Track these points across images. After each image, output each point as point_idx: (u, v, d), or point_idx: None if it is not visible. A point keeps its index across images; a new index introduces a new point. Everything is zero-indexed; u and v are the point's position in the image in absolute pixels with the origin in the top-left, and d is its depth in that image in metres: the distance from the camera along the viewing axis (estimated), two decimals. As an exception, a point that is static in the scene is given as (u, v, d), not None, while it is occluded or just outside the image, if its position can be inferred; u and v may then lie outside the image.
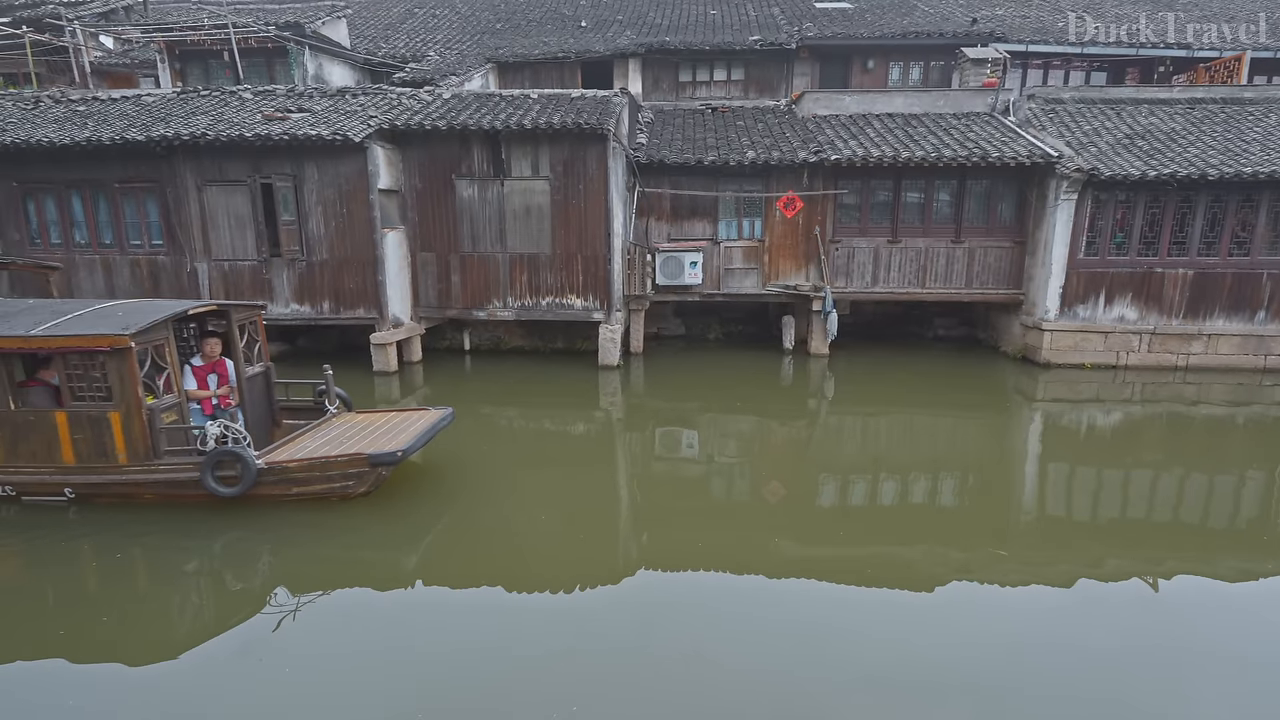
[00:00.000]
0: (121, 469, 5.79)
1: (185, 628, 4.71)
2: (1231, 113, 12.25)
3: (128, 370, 5.56)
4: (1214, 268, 11.12)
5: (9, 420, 5.79)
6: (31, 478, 5.91)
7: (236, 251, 10.79)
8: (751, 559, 5.40)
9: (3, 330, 5.67)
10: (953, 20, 16.02)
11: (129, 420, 5.67)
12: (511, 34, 17.07)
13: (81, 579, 5.22)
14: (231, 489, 5.71)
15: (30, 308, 6.23)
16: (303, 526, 5.78)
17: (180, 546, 5.55)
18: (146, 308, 6.18)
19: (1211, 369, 11.27)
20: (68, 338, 5.54)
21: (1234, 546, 5.92)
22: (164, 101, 11.81)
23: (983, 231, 11.95)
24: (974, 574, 5.30)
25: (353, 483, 6.00)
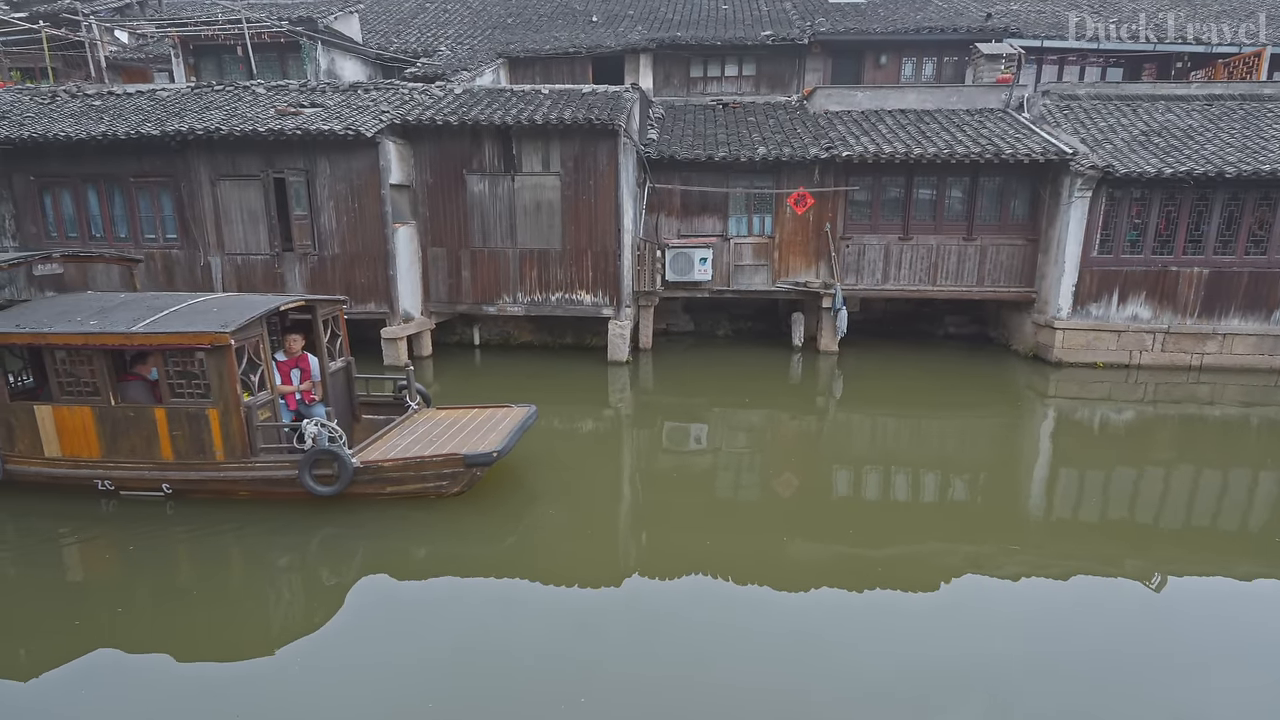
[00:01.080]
0: (218, 466, 5.79)
1: (279, 623, 4.73)
2: (1250, 109, 12.09)
3: (227, 367, 5.55)
4: (1230, 267, 10.99)
5: (109, 416, 5.81)
6: (130, 473, 5.92)
7: (249, 246, 10.88)
8: (762, 558, 5.41)
9: (104, 326, 5.66)
10: (967, 15, 15.88)
11: (227, 417, 5.66)
12: (522, 29, 17.06)
13: (180, 574, 5.27)
14: (329, 488, 5.69)
15: (124, 303, 6.21)
16: (396, 524, 5.73)
17: (276, 543, 5.58)
18: (239, 303, 6.16)
19: (1226, 369, 11.15)
20: (169, 335, 5.52)
21: (1245, 549, 5.87)
22: (178, 96, 11.90)
23: (995, 229, 11.86)
24: (983, 574, 5.29)
25: (446, 483, 5.97)
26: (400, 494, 5.99)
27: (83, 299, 6.49)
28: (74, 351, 5.70)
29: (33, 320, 5.88)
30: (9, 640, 4.42)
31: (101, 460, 5.91)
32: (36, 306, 6.32)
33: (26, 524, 5.85)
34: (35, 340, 5.72)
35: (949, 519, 6.33)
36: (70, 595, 5.00)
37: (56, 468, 5.97)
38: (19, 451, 6.00)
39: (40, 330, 5.70)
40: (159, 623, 4.61)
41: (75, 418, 5.83)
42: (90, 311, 5.95)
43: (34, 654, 4.28)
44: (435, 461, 5.84)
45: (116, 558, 5.47)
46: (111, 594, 5.01)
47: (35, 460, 5.99)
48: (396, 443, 6.20)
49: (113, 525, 5.81)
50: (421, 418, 6.88)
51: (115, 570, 5.36)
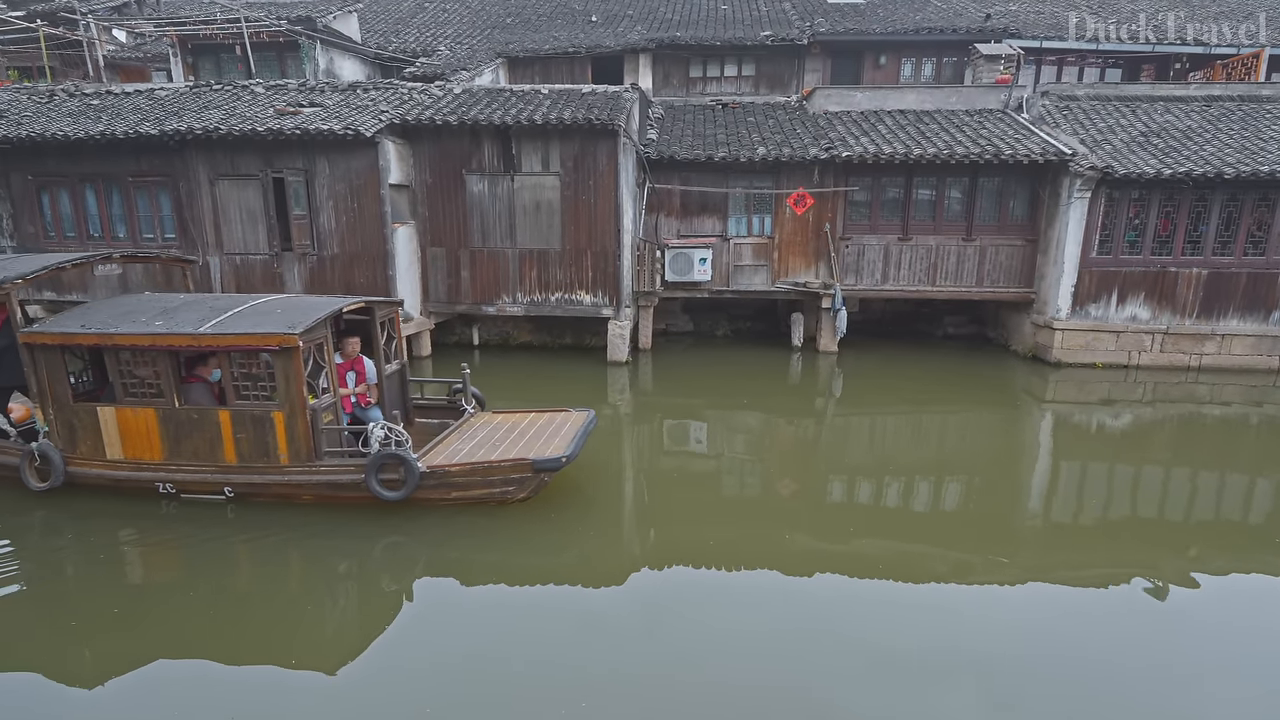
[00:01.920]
0: (283, 469, 5.70)
1: (338, 630, 4.65)
2: (1249, 110, 12.12)
3: (294, 369, 5.45)
4: (1229, 267, 11.01)
5: (172, 418, 5.73)
6: (193, 475, 5.84)
7: (248, 245, 10.85)
8: (762, 557, 5.41)
9: (170, 327, 5.57)
10: (966, 16, 15.89)
11: (292, 420, 5.57)
12: (522, 29, 17.05)
13: (241, 578, 5.25)
14: (395, 493, 5.59)
15: (186, 303, 6.11)
16: (462, 531, 5.65)
17: (338, 548, 5.48)
18: (302, 305, 6.07)
19: (1225, 369, 11.18)
20: (237, 336, 5.44)
21: (1247, 550, 5.88)
22: (177, 95, 11.87)
23: (994, 229, 11.87)
24: (982, 573, 5.30)
25: (513, 488, 5.88)
26: (465, 499, 5.88)
27: (142, 300, 6.38)
28: (138, 353, 5.61)
29: (97, 321, 5.78)
30: (71, 644, 4.35)
31: (164, 463, 5.83)
32: (97, 307, 6.20)
33: (87, 526, 5.75)
34: (101, 341, 5.61)
35: (949, 519, 6.33)
36: (131, 599, 4.95)
37: (119, 470, 5.88)
38: (81, 453, 5.91)
39: (106, 331, 5.60)
40: (219, 627, 4.54)
41: (138, 419, 5.75)
42: (153, 312, 5.85)
43: (96, 659, 4.22)
44: (503, 466, 5.74)
45: (177, 561, 5.41)
46: (172, 597, 4.94)
47: (97, 462, 5.89)
48: (459, 447, 6.10)
49: (174, 528, 5.72)
50: (478, 421, 6.77)
51: (176, 574, 5.31)
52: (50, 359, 5.76)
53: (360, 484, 5.63)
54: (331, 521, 5.73)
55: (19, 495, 6.01)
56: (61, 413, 5.85)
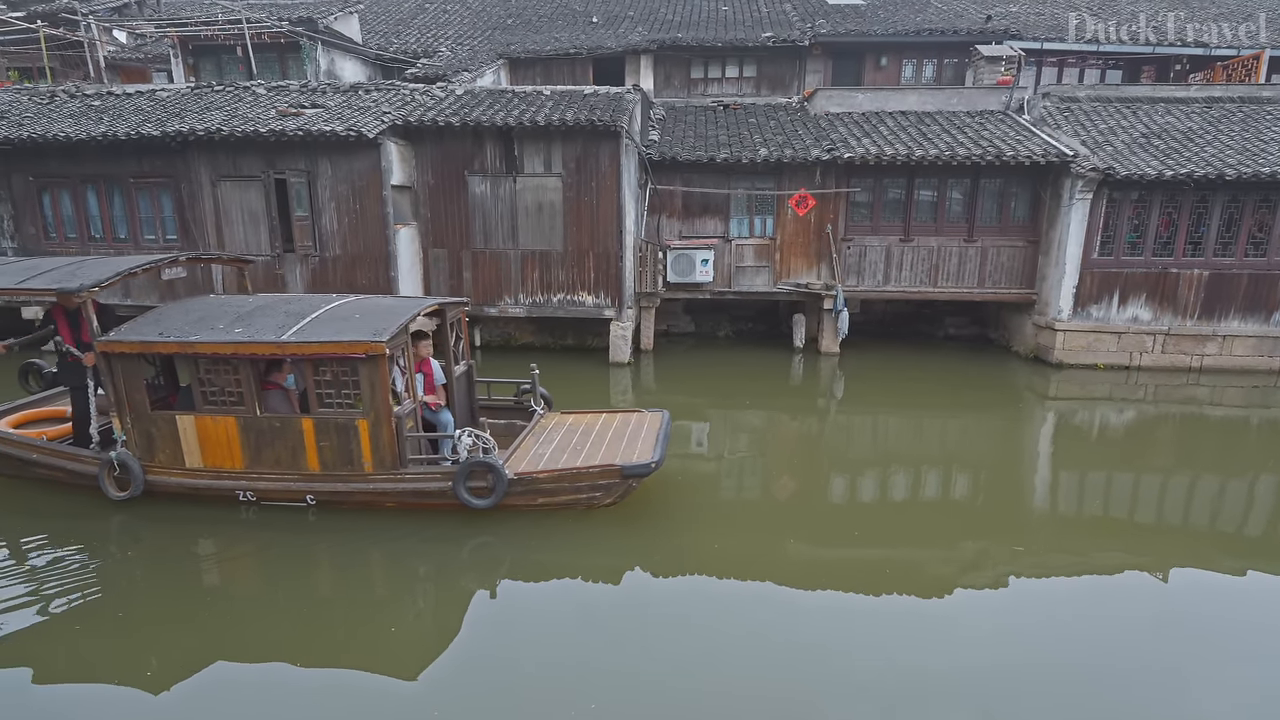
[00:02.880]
0: (367, 478, 5.61)
1: (421, 639, 4.55)
2: (1249, 112, 12.14)
3: (379, 377, 5.35)
4: (1230, 269, 11.03)
5: (254, 426, 5.63)
6: (274, 484, 5.74)
7: (250, 247, 10.84)
8: (766, 559, 5.41)
9: (253, 334, 5.45)
10: (966, 17, 15.91)
11: (377, 428, 5.46)
12: (523, 30, 17.05)
13: (321, 585, 5.18)
14: (483, 501, 5.52)
15: (260, 308, 5.97)
16: (547, 536, 5.58)
17: (423, 555, 5.42)
18: (378, 307, 5.97)
19: (1226, 370, 11.19)
20: (323, 344, 5.32)
21: (1248, 551, 5.89)
22: (178, 96, 11.87)
23: (996, 231, 11.89)
24: (986, 577, 5.30)
25: (600, 494, 5.78)
26: (551, 505, 5.79)
27: (211, 304, 6.23)
28: (219, 361, 5.50)
29: (173, 328, 5.65)
30: (150, 652, 4.30)
31: (244, 471, 5.73)
32: (169, 312, 6.09)
33: (165, 534, 5.67)
34: (182, 349, 5.50)
35: (952, 521, 6.33)
36: (211, 605, 4.87)
37: (198, 479, 5.79)
38: (159, 462, 5.81)
39: (186, 339, 5.48)
40: (300, 633, 4.49)
41: (218, 428, 5.65)
42: (229, 318, 5.72)
43: (174, 666, 4.13)
44: (591, 472, 5.64)
45: (257, 567, 5.36)
46: (252, 604, 4.90)
47: (175, 471, 5.81)
48: (540, 451, 6.01)
49: (254, 535, 5.65)
50: (549, 423, 6.68)
51: (256, 580, 5.25)
52: (128, 367, 5.64)
53: (445, 492, 5.55)
54: (414, 527, 5.64)
55: (98, 503, 5.91)
56: (140, 421, 5.74)
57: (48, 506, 6.08)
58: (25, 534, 5.70)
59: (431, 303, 6.21)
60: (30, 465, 6.15)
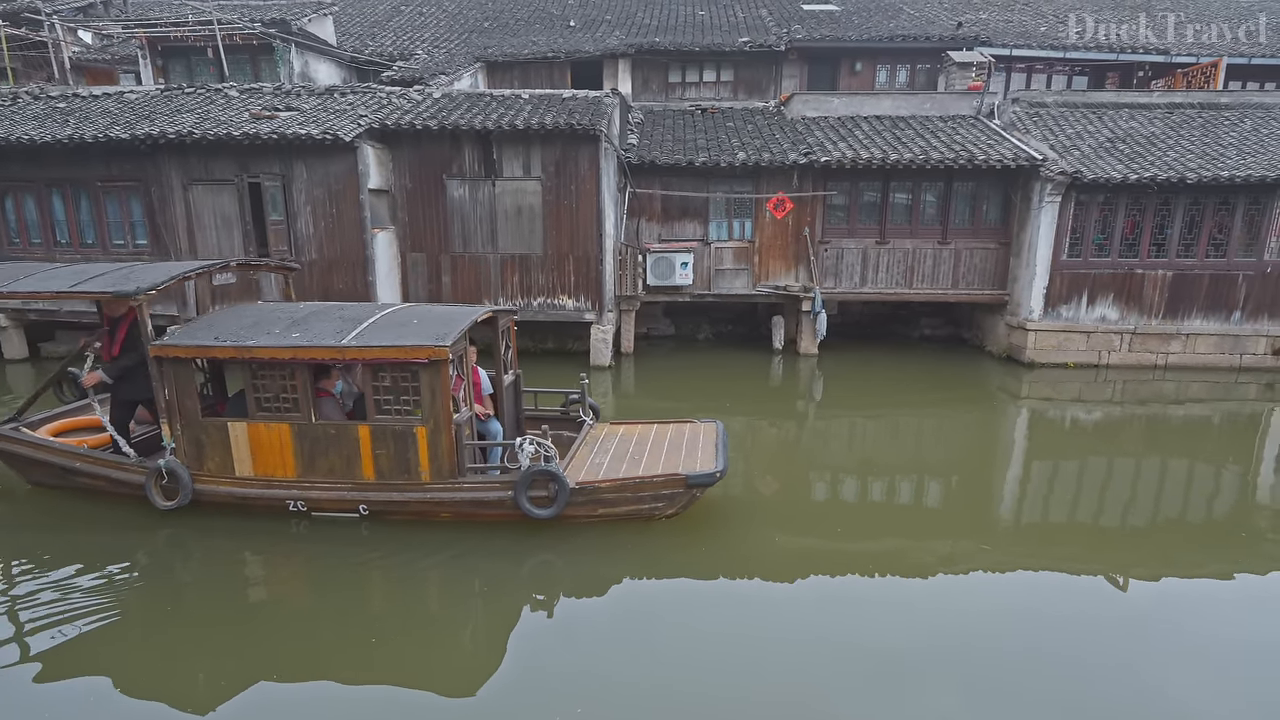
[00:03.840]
0: (424, 487, 5.49)
1: (484, 649, 4.48)
2: (1208, 117, 12.55)
3: (440, 383, 5.24)
4: (1192, 269, 11.39)
5: (308, 433, 5.50)
6: (327, 494, 5.60)
7: (223, 251, 10.65)
8: (748, 558, 5.46)
9: (312, 339, 5.33)
10: (938, 24, 16.22)
11: (436, 436, 5.35)
12: (500, 33, 17.00)
13: (376, 598, 5.06)
14: (545, 511, 5.39)
15: (313, 313, 5.84)
16: (609, 548, 5.46)
17: (480, 568, 5.28)
18: (434, 314, 5.87)
19: (1189, 368, 11.54)
20: (384, 349, 5.21)
21: (1213, 543, 6.08)
22: (147, 99, 11.63)
23: (968, 233, 12.13)
24: (961, 569, 5.42)
25: (663, 504, 5.68)
26: (612, 516, 5.67)
27: (262, 309, 6.11)
28: (275, 366, 5.39)
29: (227, 332, 5.52)
30: (196, 668, 4.15)
31: (297, 480, 5.60)
32: (221, 318, 5.95)
33: (213, 545, 5.52)
34: (239, 354, 5.37)
35: (928, 518, 6.46)
36: (260, 620, 4.75)
37: (248, 488, 5.65)
38: (208, 470, 5.66)
39: (243, 344, 5.36)
40: (354, 650, 4.35)
41: (272, 435, 5.53)
42: (282, 323, 5.61)
43: (221, 682, 4.02)
44: (654, 482, 5.54)
45: (309, 581, 5.21)
46: (304, 618, 4.76)
47: (225, 480, 5.66)
48: (597, 461, 5.92)
49: (305, 547, 5.52)
50: (599, 433, 6.57)
51: (307, 594, 5.11)
52: (180, 373, 5.52)
53: (505, 501, 5.46)
54: (470, 538, 5.52)
55: (144, 513, 5.71)
56: (190, 429, 5.60)
57: (90, 516, 5.90)
58: (68, 546, 5.50)
59: (485, 310, 6.15)
60: (73, 474, 6.00)
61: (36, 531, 5.82)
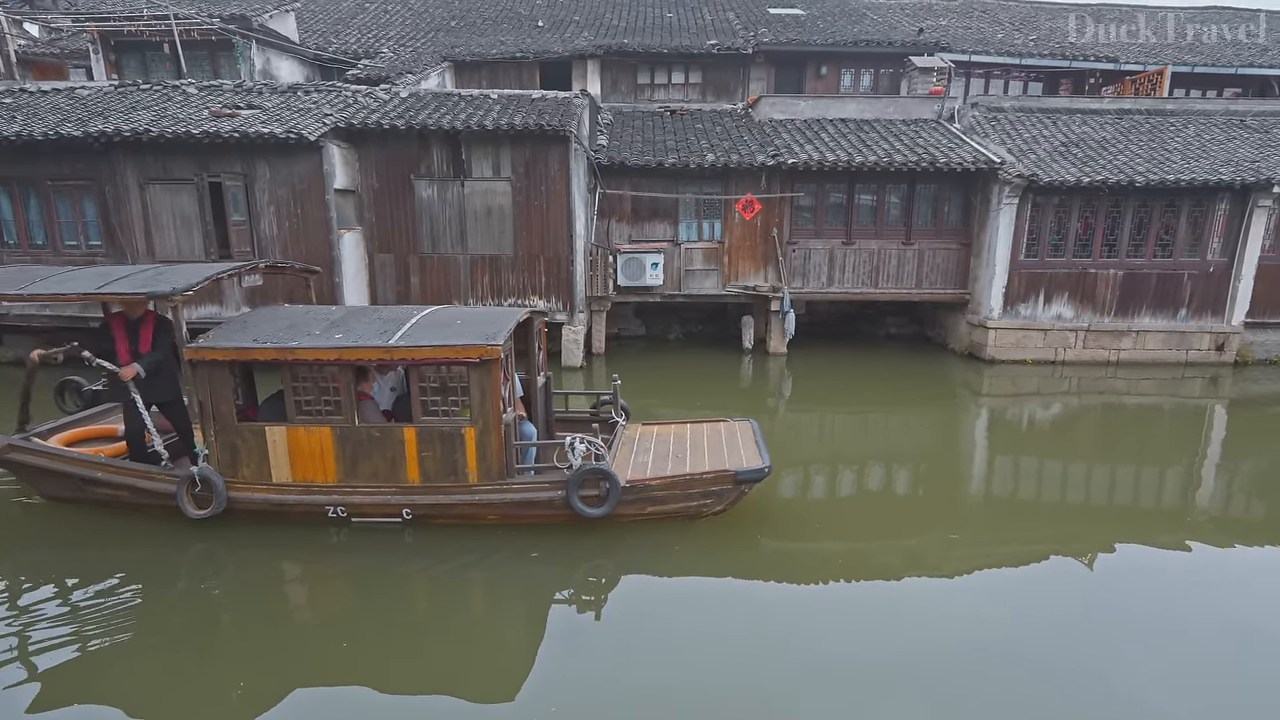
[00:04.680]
0: (471, 489, 5.40)
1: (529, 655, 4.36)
2: (1155, 123, 13.08)
3: (491, 383, 5.17)
4: (1141, 268, 11.86)
5: (350, 437, 5.36)
6: (370, 498, 5.45)
7: (183, 252, 10.37)
8: (722, 555, 5.54)
9: (355, 340, 5.20)
10: (900, 29, 16.59)
11: (485, 437, 5.27)
12: (467, 32, 16.87)
13: (421, 606, 4.95)
14: (597, 510, 5.36)
15: (350, 314, 5.74)
16: (657, 546, 5.43)
17: (532, 573, 5.22)
18: (475, 316, 5.75)
19: (1140, 363, 12.02)
20: (435, 348, 5.13)
21: (1165, 527, 6.37)
22: (100, 95, 11.27)
23: (931, 234, 12.45)
24: (928, 559, 5.59)
25: (711, 501, 5.69)
26: (660, 514, 5.67)
27: (294, 312, 5.98)
28: (318, 367, 5.26)
29: (266, 334, 5.37)
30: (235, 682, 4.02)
31: (338, 485, 5.45)
32: (255, 319, 5.78)
33: (249, 555, 5.37)
34: (281, 355, 5.23)
35: (893, 512, 6.62)
36: (302, 631, 4.62)
37: (286, 494, 5.48)
38: (243, 477, 5.49)
39: (285, 345, 5.21)
40: (405, 657, 4.28)
41: (312, 439, 5.38)
42: (321, 324, 5.49)
43: (262, 696, 3.92)
44: (704, 479, 5.55)
45: (352, 590, 5.05)
46: (348, 628, 4.61)
47: (261, 486, 5.49)
48: (641, 460, 5.90)
49: (346, 555, 5.37)
50: (636, 434, 6.52)
51: (348, 602, 4.96)
52: (216, 377, 5.33)
53: (554, 502, 5.42)
54: (518, 539, 5.47)
55: (173, 523, 5.53)
56: (224, 434, 5.43)
57: (114, 529, 5.67)
58: (97, 561, 5.27)
59: (525, 311, 6.09)
60: (93, 485, 5.74)
61: (61, 548, 5.55)
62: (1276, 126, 13.03)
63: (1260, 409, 10.46)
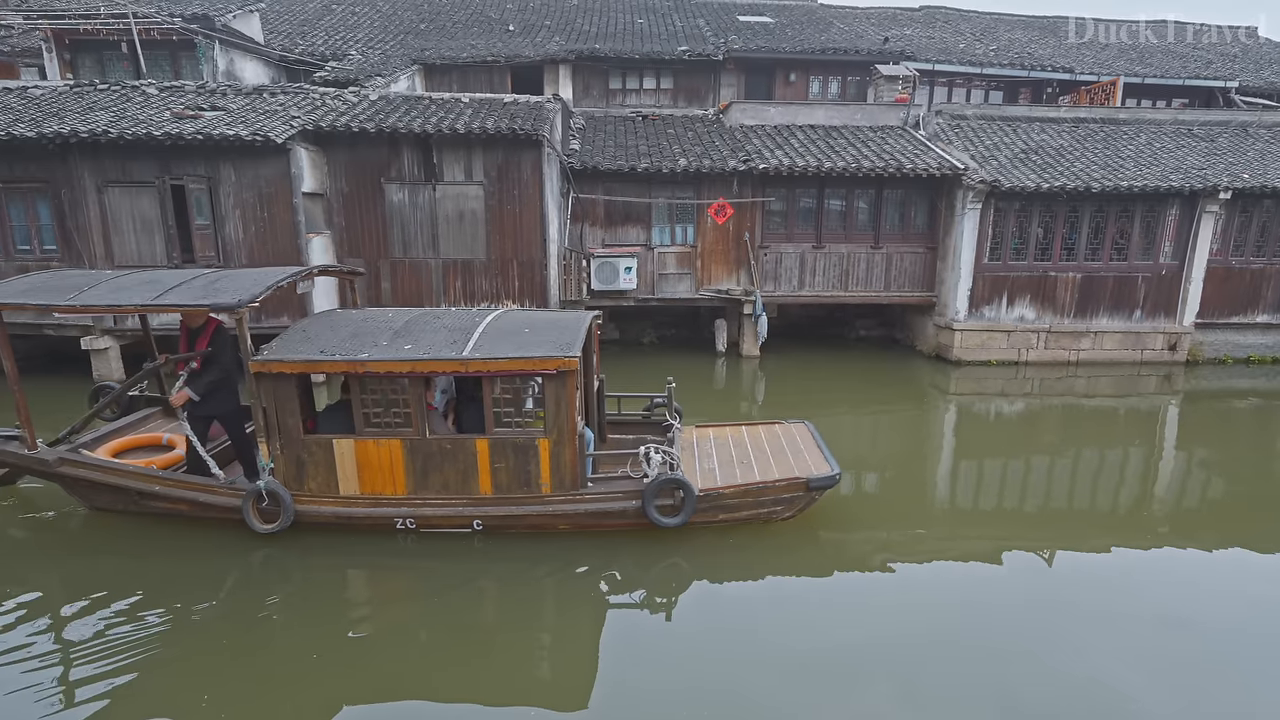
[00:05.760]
0: (544, 499, 5.38)
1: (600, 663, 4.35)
2: (1109, 132, 13.57)
3: (567, 394, 5.16)
4: (1098, 271, 12.28)
5: (420, 449, 5.30)
6: (440, 510, 5.41)
7: (144, 257, 10.10)
8: (700, 553, 5.59)
9: (428, 351, 5.15)
10: (866, 38, 16.94)
11: (559, 447, 5.26)
12: (437, 35, 16.75)
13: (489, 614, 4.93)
14: (673, 519, 5.37)
15: (410, 322, 5.62)
16: (730, 553, 5.45)
17: (609, 581, 5.18)
18: (541, 321, 5.69)
19: (1098, 363, 12.43)
20: (511, 360, 5.10)
21: (1122, 523, 6.61)
22: (55, 95, 10.92)
23: (899, 238, 12.72)
24: (898, 554, 5.72)
25: (782, 507, 5.73)
26: (731, 521, 5.71)
27: (351, 319, 5.86)
28: (388, 380, 5.19)
29: (332, 345, 5.29)
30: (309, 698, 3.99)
31: (407, 497, 5.40)
32: (314, 330, 5.64)
33: (316, 568, 5.29)
34: (353, 368, 5.14)
35: (866, 508, 6.75)
36: (379, 645, 4.53)
37: (354, 507, 5.41)
38: (309, 490, 5.41)
39: (355, 358, 5.13)
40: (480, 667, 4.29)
41: (381, 452, 5.31)
42: (386, 333, 5.40)
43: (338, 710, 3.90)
44: (777, 486, 5.60)
45: (420, 601, 5.03)
46: (427, 639, 4.62)
47: (327, 500, 5.40)
48: (706, 467, 5.93)
49: (416, 565, 5.34)
50: (693, 437, 6.47)
51: (419, 615, 4.91)
52: (282, 389, 5.23)
53: (628, 511, 5.42)
54: (587, 548, 5.48)
55: (236, 537, 5.43)
56: (291, 447, 5.33)
57: (172, 543, 5.52)
58: (159, 575, 5.17)
59: (593, 315, 6.06)
60: (149, 498, 5.58)
61: (115, 558, 5.42)
62: (1221, 135, 13.63)
63: (1209, 405, 10.91)
